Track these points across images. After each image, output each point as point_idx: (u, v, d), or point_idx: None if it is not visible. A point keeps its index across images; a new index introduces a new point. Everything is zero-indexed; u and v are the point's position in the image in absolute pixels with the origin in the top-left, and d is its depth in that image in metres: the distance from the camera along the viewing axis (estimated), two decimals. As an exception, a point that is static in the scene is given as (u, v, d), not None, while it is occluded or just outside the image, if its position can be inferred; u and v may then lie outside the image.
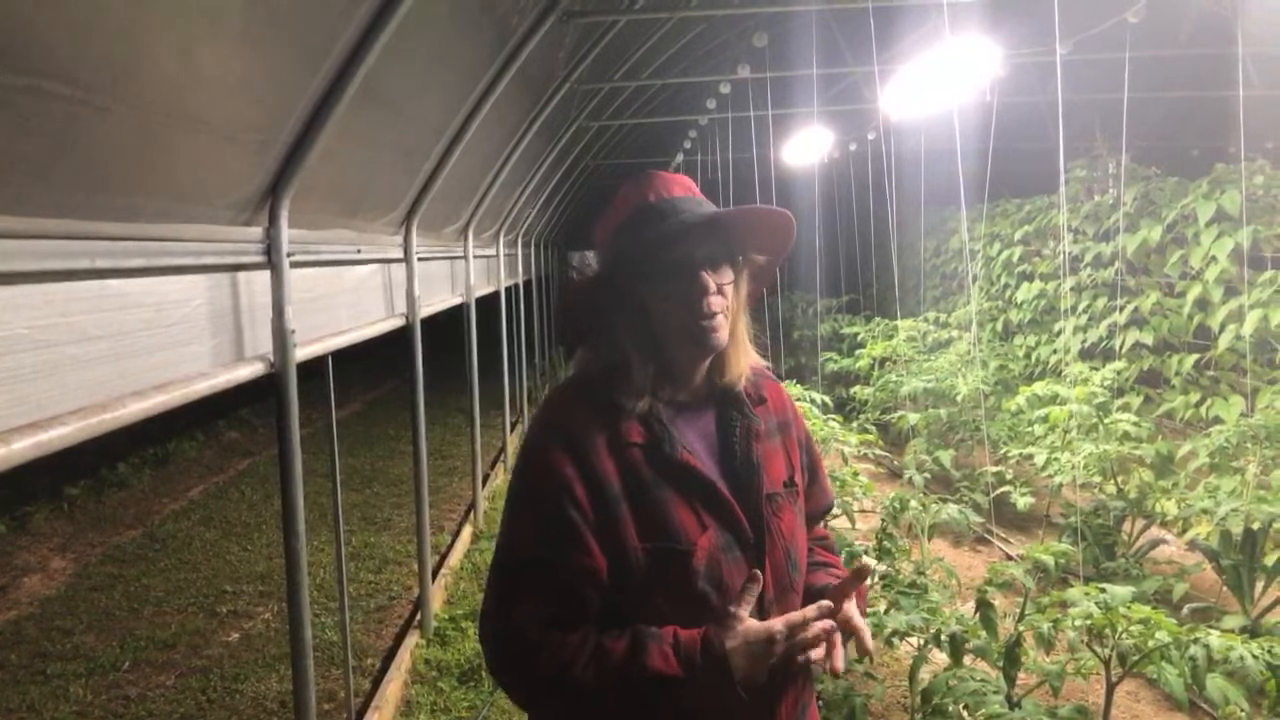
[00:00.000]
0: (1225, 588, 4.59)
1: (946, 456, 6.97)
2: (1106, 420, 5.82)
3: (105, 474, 8.22)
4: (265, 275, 2.73)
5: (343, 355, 3.55)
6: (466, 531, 6.50)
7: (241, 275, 2.62)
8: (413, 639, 4.77)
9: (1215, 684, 2.20)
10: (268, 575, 5.95)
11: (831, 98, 11.11)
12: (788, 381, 6.78)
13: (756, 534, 1.41)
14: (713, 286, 1.40)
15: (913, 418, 7.37)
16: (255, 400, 10.91)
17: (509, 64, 4.36)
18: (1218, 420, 5.87)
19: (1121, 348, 7.15)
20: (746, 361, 1.52)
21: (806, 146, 9.38)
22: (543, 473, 1.37)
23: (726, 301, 1.43)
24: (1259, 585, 4.44)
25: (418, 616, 4.98)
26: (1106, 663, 2.49)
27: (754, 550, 1.41)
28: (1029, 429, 6.57)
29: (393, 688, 4.24)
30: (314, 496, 6.02)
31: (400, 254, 4.51)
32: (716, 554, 1.37)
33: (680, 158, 14.06)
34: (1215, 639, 2.15)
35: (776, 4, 7.49)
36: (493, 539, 6.38)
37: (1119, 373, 6.81)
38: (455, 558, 5.99)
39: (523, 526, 1.40)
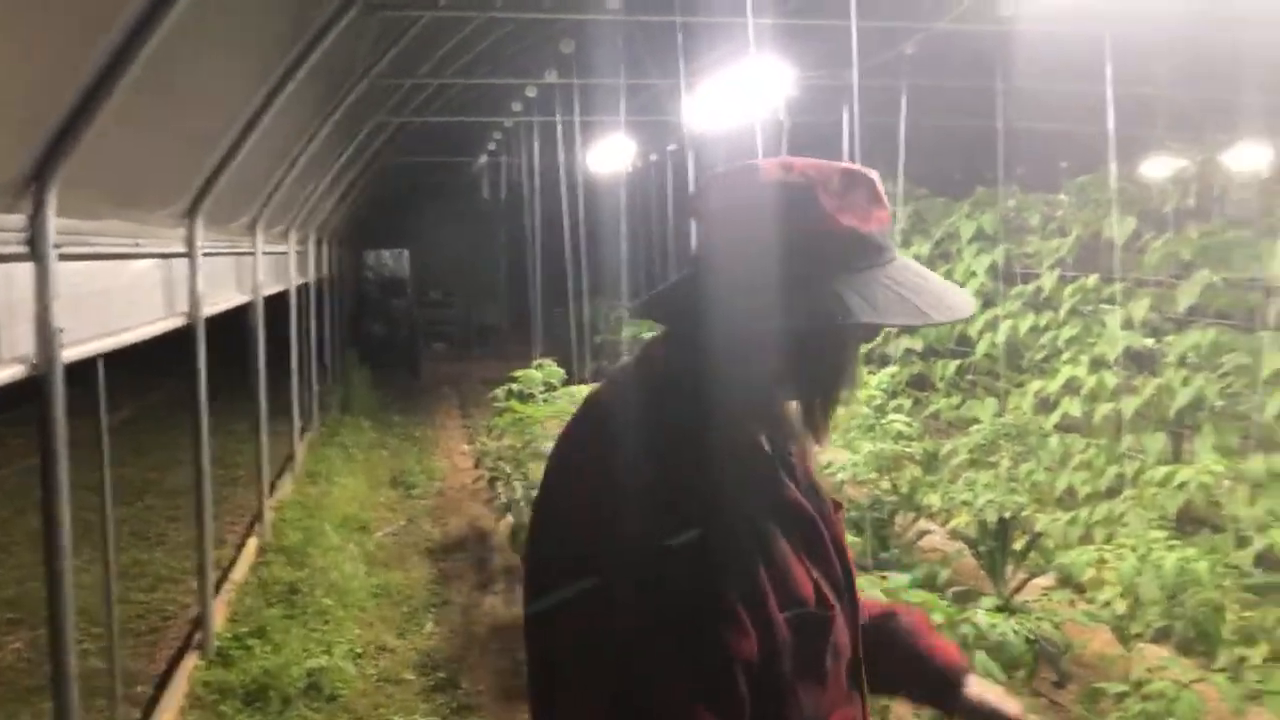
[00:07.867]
0: (983, 571, 5.08)
1: (741, 457, 7.28)
2: (883, 421, 6.30)
3: None
4: (29, 267, 2.46)
5: (112, 357, 3.27)
6: (252, 544, 6.14)
7: (0, 267, 2.36)
8: (191, 661, 4.45)
9: (978, 660, 2.45)
10: (18, 600, 5.35)
11: (636, 108, 11.36)
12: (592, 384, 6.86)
13: (847, 580, 1.16)
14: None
15: (709, 420, 7.65)
16: (4, 408, 9.76)
17: (308, 53, 4.17)
18: (977, 420, 6.50)
19: (895, 354, 7.77)
20: None
21: (610, 155, 9.55)
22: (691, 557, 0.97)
23: None
24: (1009, 568, 4.96)
25: (197, 636, 4.66)
26: (888, 645, 2.70)
27: (848, 598, 1.15)
28: (815, 430, 6.98)
29: (167, 716, 3.94)
30: (76, 511, 5.44)
31: (184, 248, 4.21)
32: (838, 617, 1.10)
33: (484, 159, 13.94)
34: (982, 617, 2.40)
35: (582, 11, 7.57)
36: (280, 551, 6.04)
37: (892, 376, 7.39)
38: (240, 572, 5.64)
39: (677, 610, 0.96)
